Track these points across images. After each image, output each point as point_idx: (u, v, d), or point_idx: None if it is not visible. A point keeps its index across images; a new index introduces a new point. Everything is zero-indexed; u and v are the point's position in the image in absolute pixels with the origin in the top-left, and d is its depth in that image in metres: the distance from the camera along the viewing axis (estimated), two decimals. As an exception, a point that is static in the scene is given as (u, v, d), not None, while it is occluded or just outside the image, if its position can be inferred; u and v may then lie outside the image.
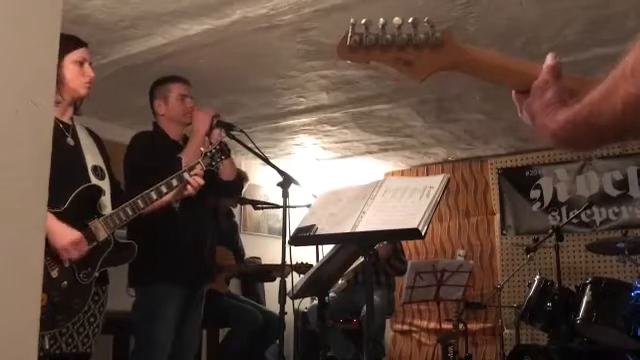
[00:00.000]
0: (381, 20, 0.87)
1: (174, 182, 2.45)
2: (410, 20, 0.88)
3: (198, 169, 2.53)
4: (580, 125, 0.78)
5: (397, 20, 0.87)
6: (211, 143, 2.70)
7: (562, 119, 0.81)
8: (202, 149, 2.59)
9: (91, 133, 2.51)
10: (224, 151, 2.61)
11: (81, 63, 2.32)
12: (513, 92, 0.93)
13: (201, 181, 2.53)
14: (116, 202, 2.37)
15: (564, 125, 0.81)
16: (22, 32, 1.07)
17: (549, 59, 0.89)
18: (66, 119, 2.36)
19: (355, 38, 0.86)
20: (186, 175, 2.49)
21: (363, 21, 0.87)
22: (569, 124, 0.80)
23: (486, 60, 0.92)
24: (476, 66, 0.92)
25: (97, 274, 2.27)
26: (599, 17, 2.91)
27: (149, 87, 3.09)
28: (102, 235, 2.26)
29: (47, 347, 2.08)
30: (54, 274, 2.12)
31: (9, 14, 1.05)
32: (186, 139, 3.02)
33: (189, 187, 2.50)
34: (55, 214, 2.14)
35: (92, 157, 2.40)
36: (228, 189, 3.18)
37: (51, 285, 2.10)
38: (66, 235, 2.13)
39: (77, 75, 2.30)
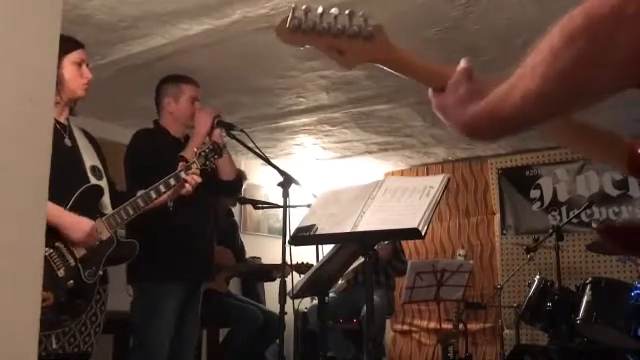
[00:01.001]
0: (320, 8, 0.93)
1: (172, 181, 2.47)
2: (346, 12, 0.94)
3: (194, 168, 2.54)
4: (485, 117, 0.87)
5: (335, 10, 0.93)
6: (205, 143, 2.71)
7: (471, 111, 0.90)
8: (195, 149, 2.61)
9: (86, 134, 2.52)
10: (217, 150, 2.62)
11: (79, 64, 2.33)
12: (430, 90, 1.02)
13: (198, 179, 2.54)
14: (113, 202, 2.39)
15: (473, 117, 0.90)
16: (22, 32, 1.07)
17: (462, 63, 0.99)
18: (63, 120, 2.37)
19: (294, 22, 0.91)
20: (183, 174, 2.50)
21: (304, 7, 0.93)
22: (477, 116, 0.89)
23: (409, 60, 1.01)
24: (401, 64, 1.00)
25: (101, 273, 2.28)
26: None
27: (153, 84, 3.09)
28: (105, 234, 2.28)
29: (54, 347, 2.09)
30: (60, 273, 2.13)
31: (9, 14, 1.05)
32: (188, 138, 3.02)
33: (187, 185, 2.51)
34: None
35: (89, 157, 2.41)
36: (228, 189, 3.19)
37: (57, 284, 2.10)
38: (84, 225, 2.16)
39: (76, 76, 2.31)
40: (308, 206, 3.03)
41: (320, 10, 0.93)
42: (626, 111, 4.16)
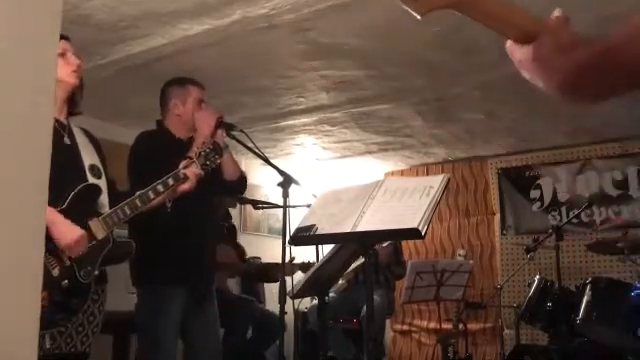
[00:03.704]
0: None
1: (170, 181, 2.45)
2: None
3: (193, 168, 2.54)
4: (615, 55, 0.72)
5: None
6: (205, 143, 2.71)
7: (586, 53, 0.75)
8: (196, 148, 2.60)
9: (86, 132, 2.51)
10: (217, 150, 2.61)
11: (62, 54, 2.31)
12: (509, 42, 0.90)
13: (199, 171, 2.53)
14: (112, 201, 2.38)
15: (590, 58, 0.75)
16: (22, 32, 1.07)
17: (558, 11, 0.86)
18: (62, 118, 2.36)
19: None
20: (181, 174, 2.49)
21: None
22: (597, 57, 0.74)
23: (491, 5, 0.88)
24: (481, 8, 0.88)
25: (97, 272, 2.27)
26: (600, 17, 2.91)
27: (153, 84, 3.05)
28: (101, 234, 2.26)
29: (48, 346, 2.08)
30: (55, 273, 2.12)
31: (9, 14, 1.05)
32: (192, 139, 3.01)
33: (187, 181, 2.50)
34: (55, 213, 2.13)
35: (88, 156, 2.40)
36: (232, 189, 3.18)
37: (52, 284, 2.09)
38: (71, 232, 2.14)
39: (61, 66, 2.28)
40: (308, 206, 3.03)
41: None
42: (627, 109, 4.16)
